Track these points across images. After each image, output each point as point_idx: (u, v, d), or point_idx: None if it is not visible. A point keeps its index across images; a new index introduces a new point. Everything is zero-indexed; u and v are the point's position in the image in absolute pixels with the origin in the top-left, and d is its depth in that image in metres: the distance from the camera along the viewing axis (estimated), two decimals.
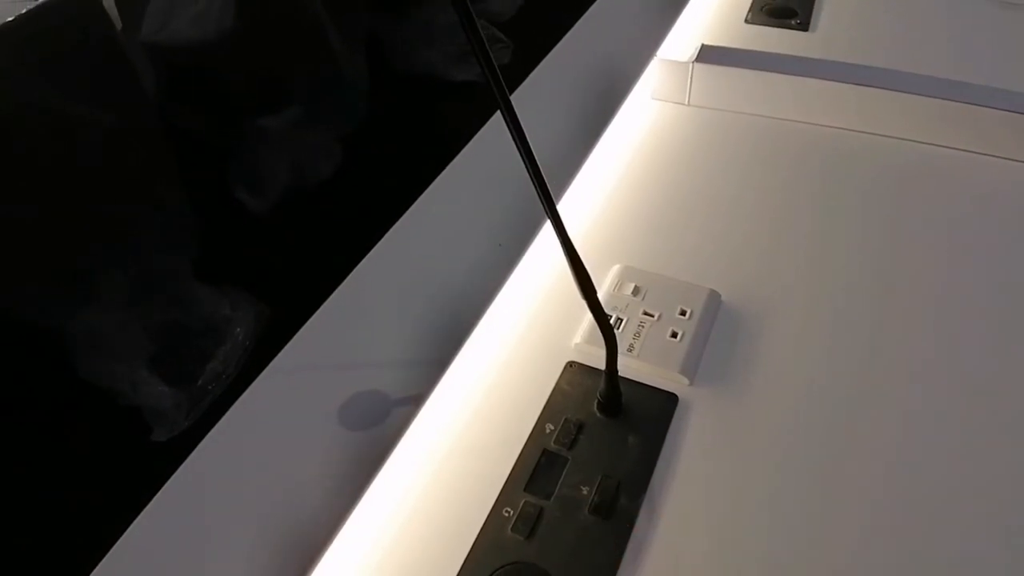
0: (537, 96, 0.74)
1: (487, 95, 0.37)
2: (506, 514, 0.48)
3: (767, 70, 0.79)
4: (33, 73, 1.14)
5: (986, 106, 0.73)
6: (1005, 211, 0.69)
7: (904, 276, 0.63)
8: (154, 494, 0.42)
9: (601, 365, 0.51)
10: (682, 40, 0.87)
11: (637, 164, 0.76)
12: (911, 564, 0.45)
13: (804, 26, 0.96)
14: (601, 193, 0.73)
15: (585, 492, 0.49)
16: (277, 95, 1.78)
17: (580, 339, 0.58)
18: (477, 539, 0.47)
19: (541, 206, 0.40)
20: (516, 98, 0.36)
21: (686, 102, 0.84)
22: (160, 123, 1.42)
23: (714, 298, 0.61)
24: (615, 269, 0.63)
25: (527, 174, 0.39)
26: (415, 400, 0.47)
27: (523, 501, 0.48)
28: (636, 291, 0.61)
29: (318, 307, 0.53)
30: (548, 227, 0.55)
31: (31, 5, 1.11)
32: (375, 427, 0.45)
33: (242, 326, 1.70)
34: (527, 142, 0.38)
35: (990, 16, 0.95)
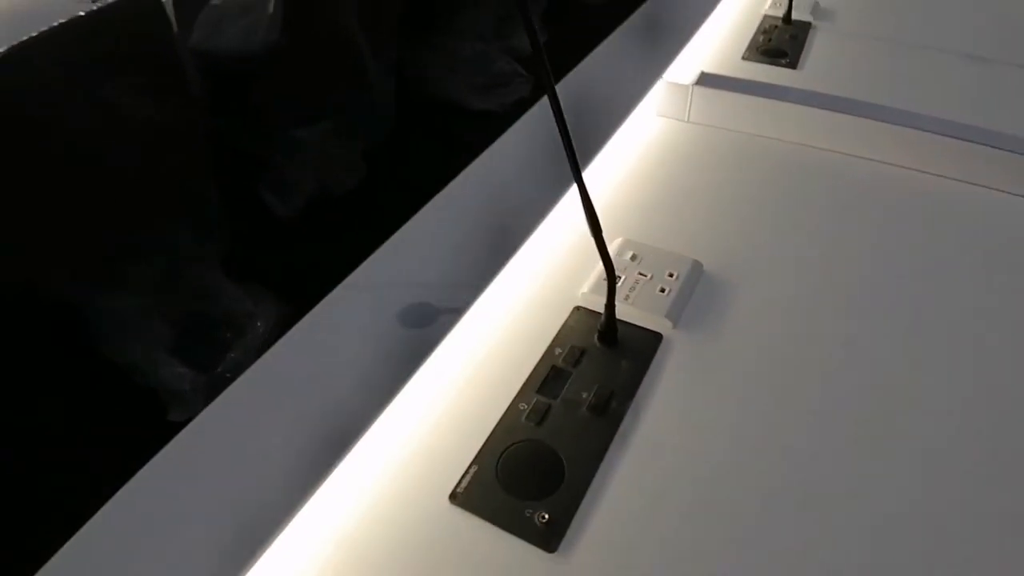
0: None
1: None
2: (521, 408, 0.61)
3: (755, 95, 0.94)
4: (91, 69, 1.27)
5: (939, 134, 0.88)
6: (943, 220, 0.83)
7: (856, 263, 0.76)
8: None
9: (602, 310, 0.64)
10: (685, 69, 1.02)
11: (642, 166, 0.90)
12: (858, 471, 0.58)
13: (792, 65, 1.11)
14: (609, 187, 0.86)
15: (584, 396, 0.61)
16: (311, 108, 1.94)
17: (586, 289, 0.71)
18: (498, 423, 0.59)
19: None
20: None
21: (686, 119, 0.98)
22: (202, 125, 1.56)
23: (697, 266, 0.74)
24: (618, 241, 0.77)
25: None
26: (456, 312, 0.60)
27: (535, 399, 0.61)
28: (633, 258, 0.74)
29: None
30: (562, 205, 0.69)
31: (93, 6, 1.24)
32: (425, 328, 0.59)
33: (263, 320, 1.84)
34: (563, 118, 0.51)
35: (955, 67, 1.10)
